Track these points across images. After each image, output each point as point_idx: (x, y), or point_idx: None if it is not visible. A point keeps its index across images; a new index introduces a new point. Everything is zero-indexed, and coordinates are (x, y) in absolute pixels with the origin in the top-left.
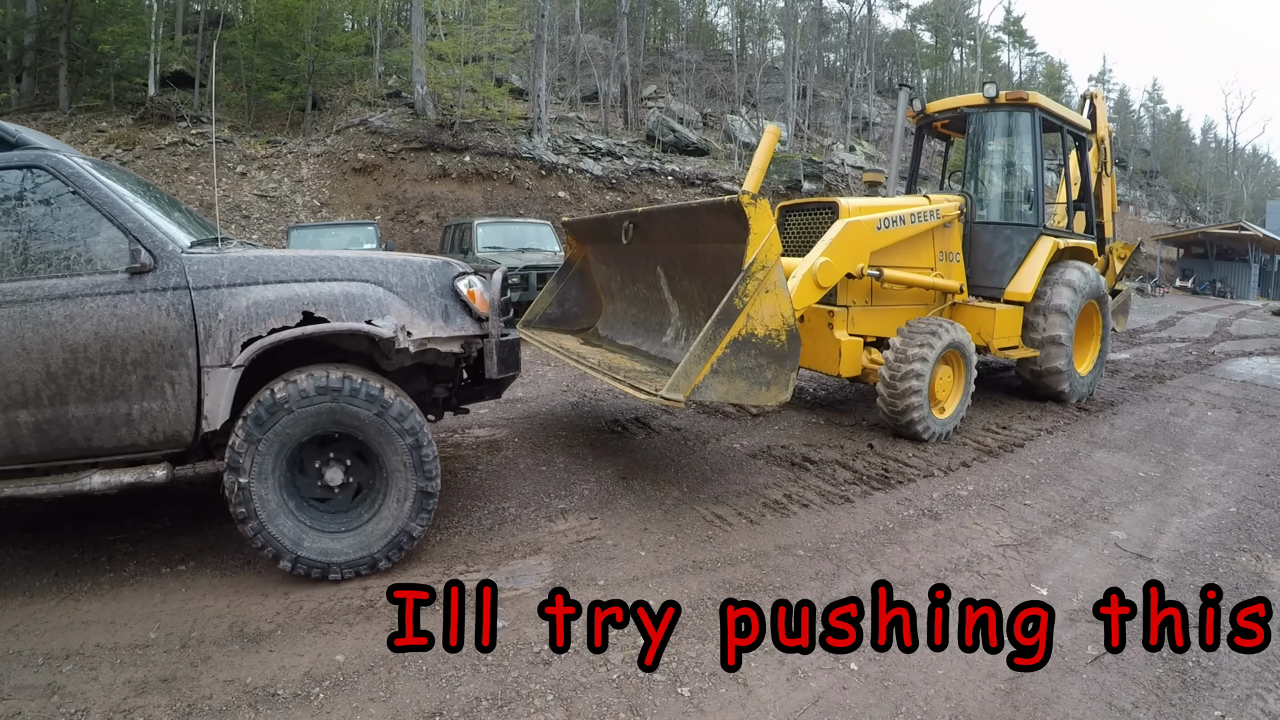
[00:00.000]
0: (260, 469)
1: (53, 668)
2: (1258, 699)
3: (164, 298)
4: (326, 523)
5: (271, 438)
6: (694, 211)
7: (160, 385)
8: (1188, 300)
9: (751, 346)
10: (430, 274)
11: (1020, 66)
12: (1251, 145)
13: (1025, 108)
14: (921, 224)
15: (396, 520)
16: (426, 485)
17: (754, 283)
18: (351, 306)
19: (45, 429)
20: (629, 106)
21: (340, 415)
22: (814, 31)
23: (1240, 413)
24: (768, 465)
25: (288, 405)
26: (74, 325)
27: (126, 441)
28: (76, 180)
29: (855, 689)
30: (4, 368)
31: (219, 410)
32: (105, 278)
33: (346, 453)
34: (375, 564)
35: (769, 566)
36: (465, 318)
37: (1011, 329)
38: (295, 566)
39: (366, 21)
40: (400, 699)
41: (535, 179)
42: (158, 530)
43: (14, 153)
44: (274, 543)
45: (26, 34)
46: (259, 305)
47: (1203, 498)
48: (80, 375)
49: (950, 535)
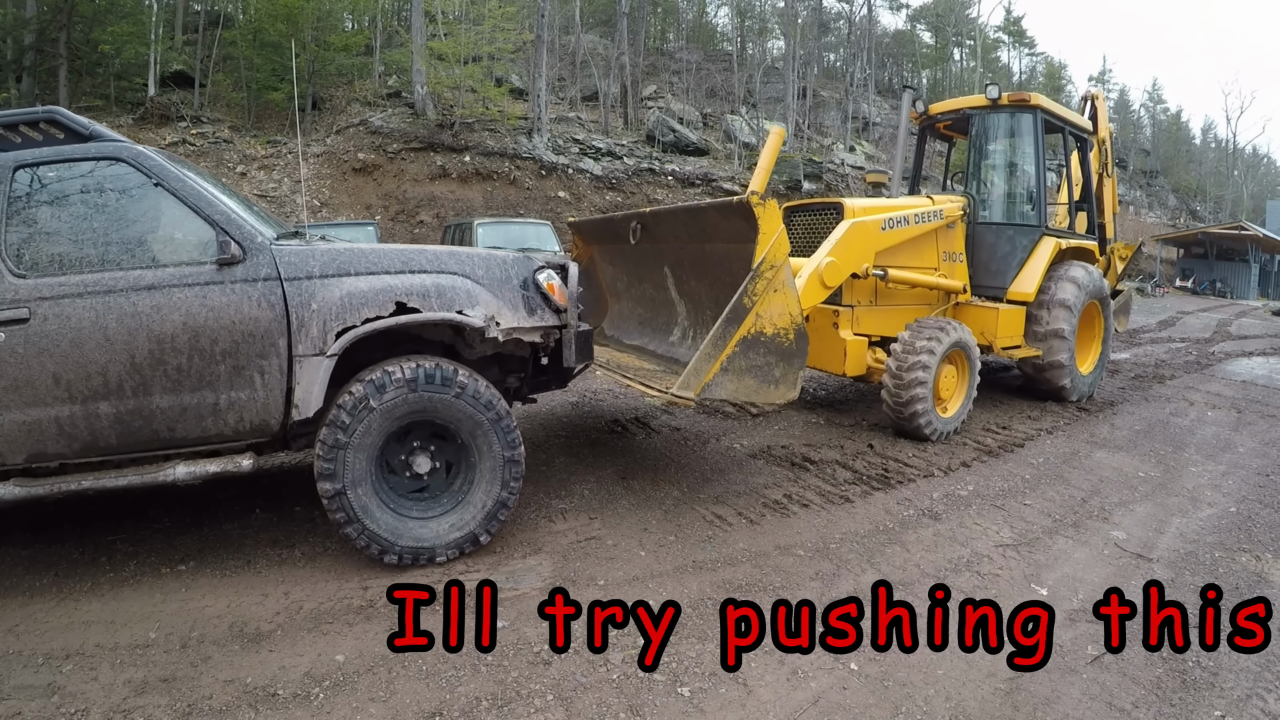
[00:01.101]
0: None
1: (53, 668)
2: (1258, 699)
3: (254, 288)
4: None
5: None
6: (703, 212)
7: (249, 375)
8: (1188, 300)
9: (760, 345)
10: (512, 267)
11: (1020, 66)
12: (1251, 145)
13: (1027, 109)
14: (925, 224)
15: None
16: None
17: (763, 282)
18: (442, 297)
19: (127, 420)
20: (629, 106)
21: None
22: (814, 31)
23: (1240, 413)
24: (768, 465)
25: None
26: (161, 316)
27: (212, 432)
28: (160, 173)
29: (855, 689)
30: (85, 359)
31: (311, 399)
32: (193, 269)
33: (430, 439)
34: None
35: (769, 566)
36: (545, 309)
37: (1014, 328)
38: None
39: (366, 21)
40: (400, 699)
41: (535, 179)
42: (158, 530)
43: (92, 145)
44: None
45: (26, 34)
46: (352, 296)
47: (1203, 498)
48: (167, 365)
49: (950, 535)
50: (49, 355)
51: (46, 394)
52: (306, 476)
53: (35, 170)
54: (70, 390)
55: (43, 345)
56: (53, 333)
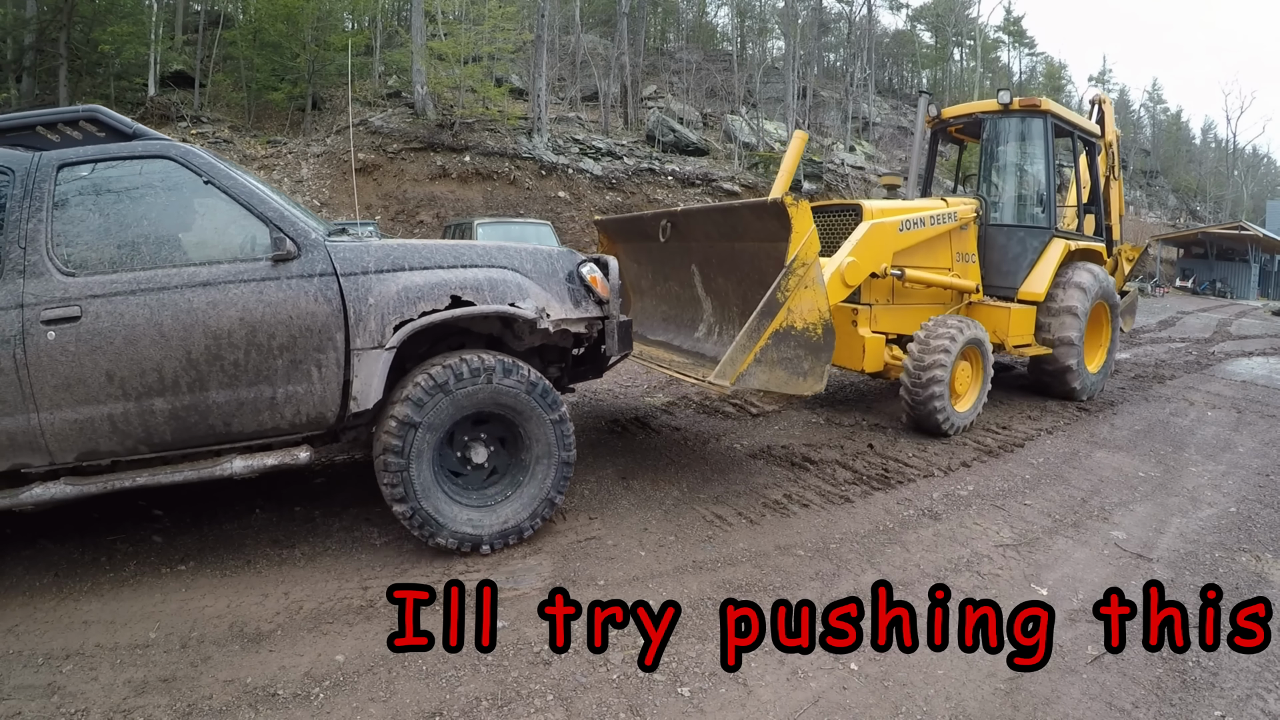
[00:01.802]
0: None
1: (53, 668)
2: (1258, 699)
3: (311, 284)
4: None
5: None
6: (735, 211)
7: (306, 369)
8: (1188, 300)
9: (791, 338)
10: (558, 261)
11: (1020, 66)
12: (1251, 145)
13: (1038, 114)
14: (940, 226)
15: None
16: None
17: (795, 278)
18: (495, 291)
19: (183, 415)
20: (629, 106)
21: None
22: (814, 31)
23: (1240, 413)
24: (768, 465)
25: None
26: (218, 312)
27: (268, 425)
28: (210, 170)
29: (855, 689)
30: (140, 355)
31: (371, 390)
32: (247, 265)
33: (488, 431)
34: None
35: (769, 566)
36: (588, 301)
37: (1025, 327)
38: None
39: (366, 22)
40: (400, 699)
41: (535, 179)
42: (158, 530)
43: (138, 143)
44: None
45: (26, 34)
46: (409, 290)
47: (1203, 498)
48: (224, 361)
49: (950, 535)
50: (102, 352)
51: (99, 391)
52: (307, 477)
53: (80, 169)
54: (124, 387)
55: (95, 343)
56: (106, 330)
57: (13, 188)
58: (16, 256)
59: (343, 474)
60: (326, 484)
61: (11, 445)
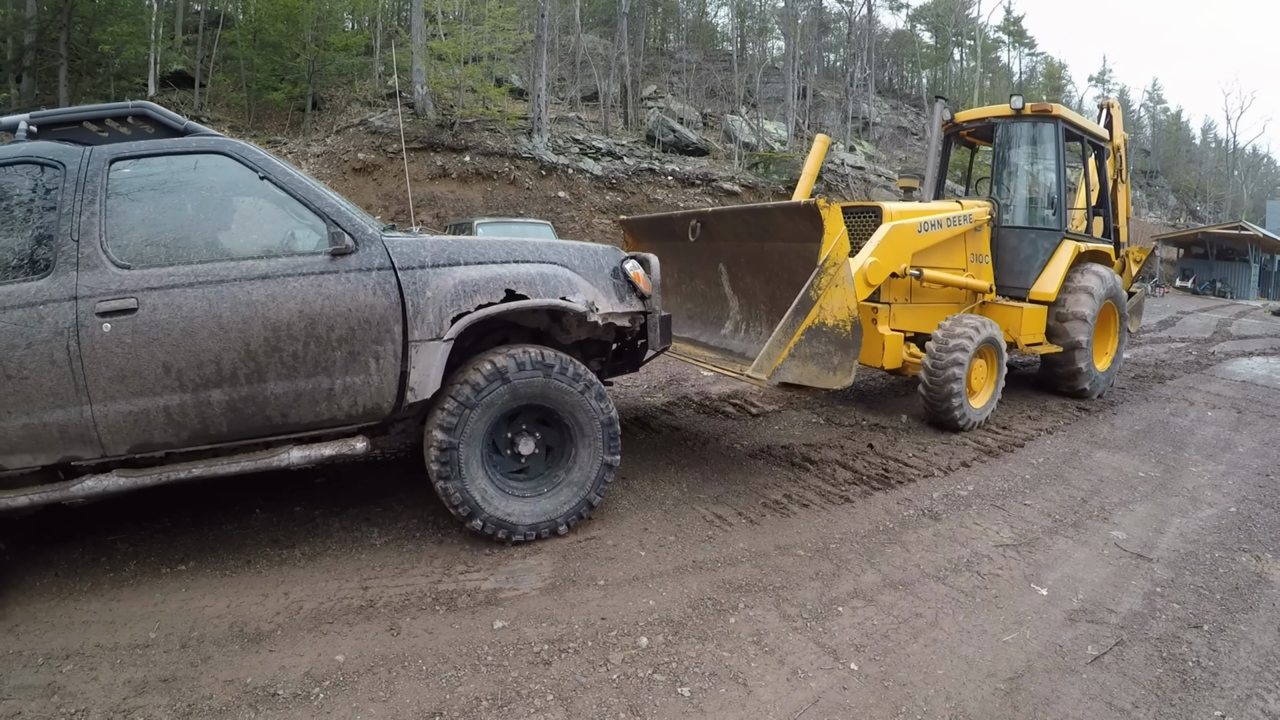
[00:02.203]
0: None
1: (53, 668)
2: (1258, 699)
3: (369, 277)
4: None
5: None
6: (767, 212)
7: (365, 360)
8: (1188, 300)
9: (823, 335)
10: (603, 257)
11: (1020, 66)
12: (1251, 145)
13: (1049, 119)
14: (956, 228)
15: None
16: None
17: (827, 277)
18: (547, 285)
19: (240, 407)
20: (629, 106)
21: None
22: (814, 31)
23: (1240, 413)
24: (768, 465)
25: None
26: (277, 304)
27: (325, 416)
28: (265, 166)
29: (855, 689)
30: (198, 347)
31: (429, 381)
32: (306, 259)
33: (536, 424)
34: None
35: (769, 566)
36: (631, 296)
37: (1037, 327)
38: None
39: (366, 22)
40: (400, 699)
41: (535, 179)
42: (158, 530)
43: (192, 139)
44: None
45: (26, 34)
46: (465, 284)
47: (1203, 498)
48: (283, 352)
49: (950, 535)
50: (159, 344)
51: (155, 383)
52: (306, 477)
53: (133, 163)
54: (181, 379)
55: (152, 335)
56: (163, 322)
57: (64, 181)
58: (69, 249)
59: (343, 474)
60: (326, 484)
61: (63, 438)
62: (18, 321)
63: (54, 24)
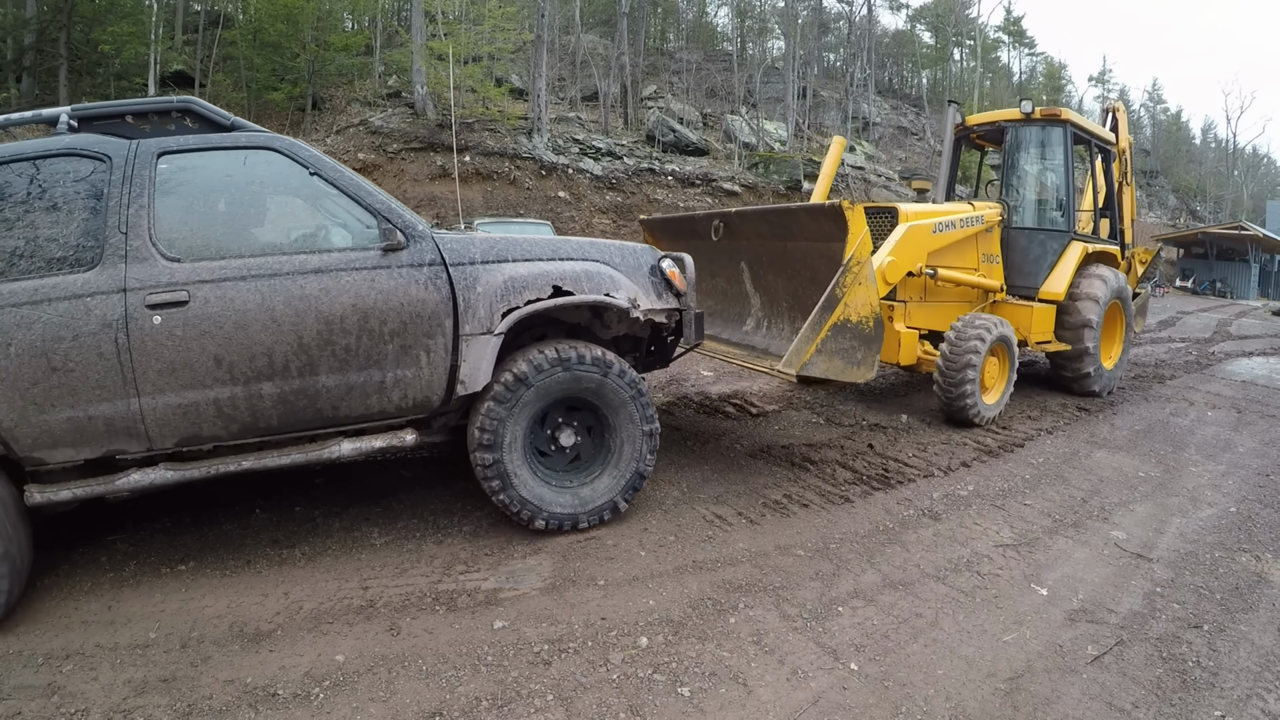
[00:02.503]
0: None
1: (53, 668)
2: (1258, 699)
3: (421, 272)
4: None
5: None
6: (791, 213)
7: (416, 354)
8: (1188, 300)
9: (848, 331)
10: (642, 255)
11: (1020, 66)
12: (1251, 145)
13: (1058, 123)
14: (969, 229)
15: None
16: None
17: (851, 276)
18: (591, 282)
19: (291, 400)
20: (629, 106)
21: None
22: (814, 31)
23: (1240, 413)
24: (768, 465)
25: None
26: (330, 298)
27: (375, 409)
28: (316, 163)
29: (855, 689)
30: (250, 340)
31: (480, 374)
32: (358, 254)
33: (571, 414)
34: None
35: (769, 566)
36: (668, 293)
37: (1046, 325)
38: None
39: (366, 22)
40: (400, 699)
41: (535, 179)
42: (158, 530)
43: (241, 134)
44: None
45: (26, 34)
46: (515, 280)
47: (1203, 498)
48: (335, 346)
49: (950, 535)
50: (210, 337)
51: (206, 376)
52: (306, 477)
53: (181, 157)
54: (233, 371)
55: (204, 327)
56: (215, 315)
57: (110, 174)
58: (117, 242)
59: (343, 474)
60: (326, 484)
61: (108, 431)
62: (63, 314)
63: (54, 24)
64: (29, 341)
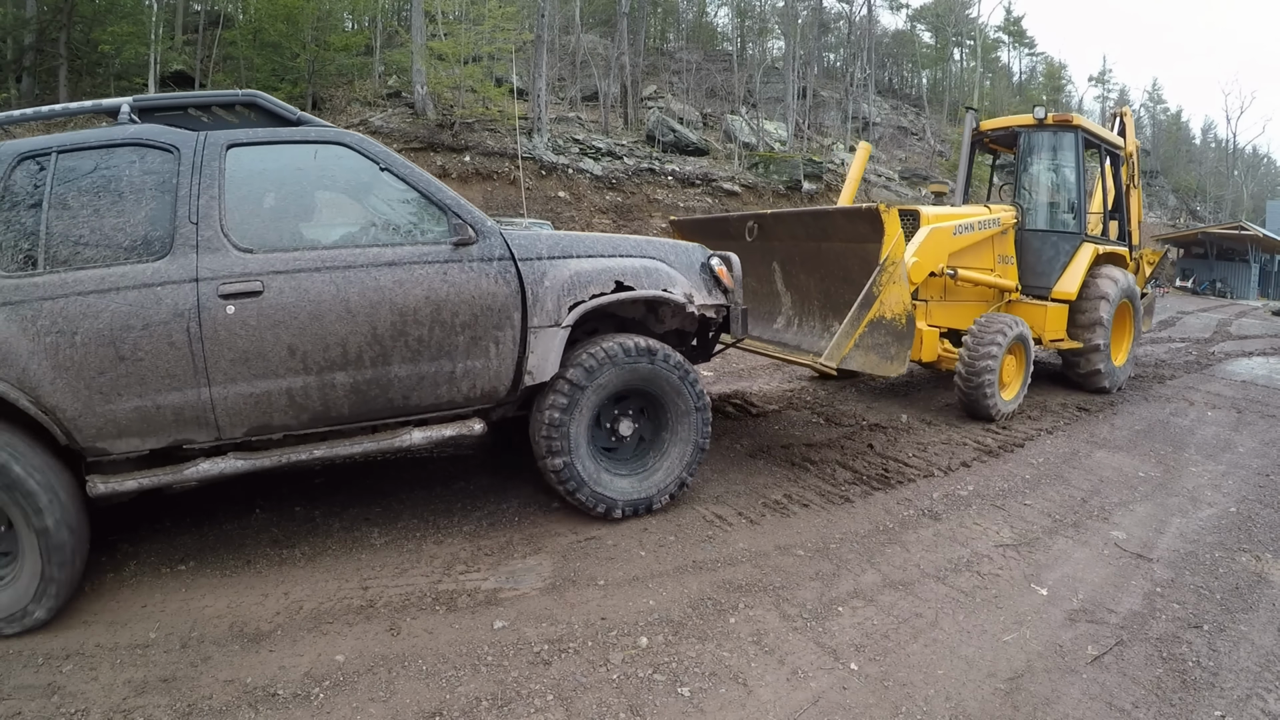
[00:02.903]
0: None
1: (53, 668)
2: (1258, 699)
3: (491, 267)
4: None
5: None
6: (828, 215)
7: (485, 345)
8: (1188, 300)
9: (882, 327)
10: (694, 253)
11: (1020, 66)
12: (1251, 145)
13: (1070, 128)
14: (986, 231)
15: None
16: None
17: (886, 275)
18: (650, 277)
19: (364, 389)
20: (629, 106)
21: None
22: (814, 31)
23: (1240, 413)
24: (768, 465)
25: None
26: (404, 290)
27: (444, 399)
28: (386, 158)
29: (855, 689)
30: (325, 330)
31: (547, 365)
32: (430, 248)
33: (635, 408)
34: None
35: (769, 566)
36: (716, 290)
37: (1060, 323)
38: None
39: (366, 22)
40: (400, 699)
41: (535, 179)
42: (158, 530)
43: (311, 129)
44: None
45: (26, 34)
46: (580, 275)
47: (1203, 498)
48: (408, 337)
49: (950, 535)
50: (285, 327)
51: (279, 365)
52: (306, 477)
53: (250, 149)
54: (306, 361)
55: (278, 317)
56: (290, 305)
57: (179, 164)
58: (188, 232)
59: (343, 474)
60: (326, 484)
61: (177, 421)
62: (132, 303)
63: (54, 24)
64: (96, 330)
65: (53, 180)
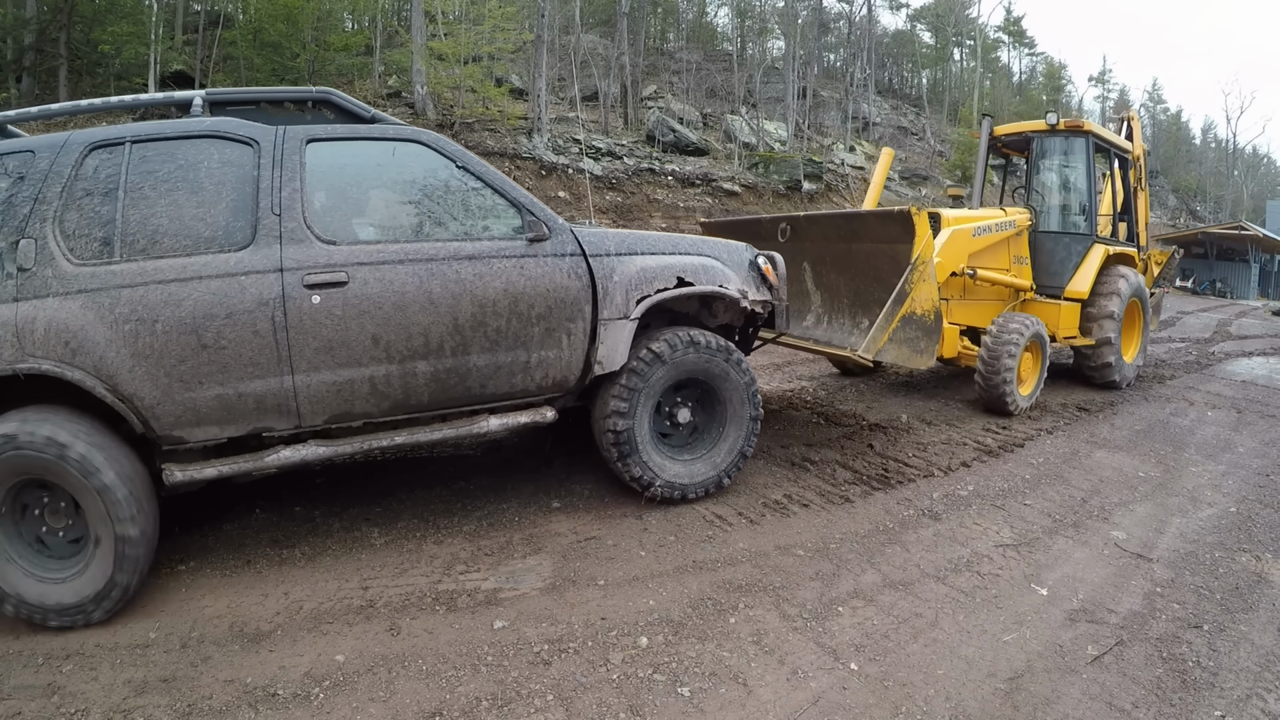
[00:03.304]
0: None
1: (53, 668)
2: (1258, 699)
3: (564, 262)
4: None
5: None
6: (860, 217)
7: (558, 336)
8: (1188, 300)
9: (913, 322)
10: (743, 252)
11: (1020, 66)
12: (1251, 145)
13: (1080, 133)
14: (1003, 232)
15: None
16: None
17: (917, 273)
18: (707, 274)
19: (443, 378)
20: (629, 106)
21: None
22: (814, 31)
23: (1240, 413)
24: (768, 465)
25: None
26: (484, 283)
27: (518, 388)
28: (462, 157)
29: (855, 689)
30: (408, 320)
31: (616, 355)
32: (506, 243)
33: (690, 394)
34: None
35: (769, 566)
36: (762, 286)
37: (1073, 322)
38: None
39: (366, 22)
40: (400, 699)
41: (535, 179)
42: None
43: (389, 126)
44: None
45: (26, 34)
46: (645, 270)
47: (1203, 498)
48: (487, 327)
49: (950, 535)
50: (369, 317)
51: (363, 354)
52: (305, 477)
53: (329, 145)
54: (389, 350)
55: (363, 307)
56: (375, 295)
57: (259, 157)
58: (270, 223)
59: (343, 474)
60: (326, 484)
61: (258, 409)
62: (215, 292)
63: (54, 24)
64: (177, 319)
65: (127, 169)
